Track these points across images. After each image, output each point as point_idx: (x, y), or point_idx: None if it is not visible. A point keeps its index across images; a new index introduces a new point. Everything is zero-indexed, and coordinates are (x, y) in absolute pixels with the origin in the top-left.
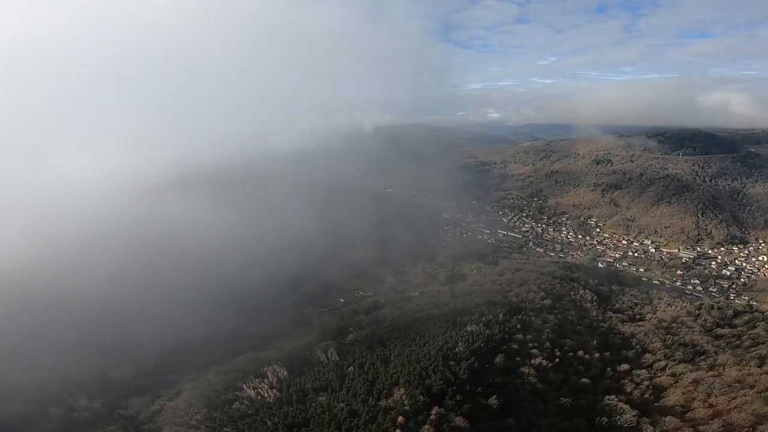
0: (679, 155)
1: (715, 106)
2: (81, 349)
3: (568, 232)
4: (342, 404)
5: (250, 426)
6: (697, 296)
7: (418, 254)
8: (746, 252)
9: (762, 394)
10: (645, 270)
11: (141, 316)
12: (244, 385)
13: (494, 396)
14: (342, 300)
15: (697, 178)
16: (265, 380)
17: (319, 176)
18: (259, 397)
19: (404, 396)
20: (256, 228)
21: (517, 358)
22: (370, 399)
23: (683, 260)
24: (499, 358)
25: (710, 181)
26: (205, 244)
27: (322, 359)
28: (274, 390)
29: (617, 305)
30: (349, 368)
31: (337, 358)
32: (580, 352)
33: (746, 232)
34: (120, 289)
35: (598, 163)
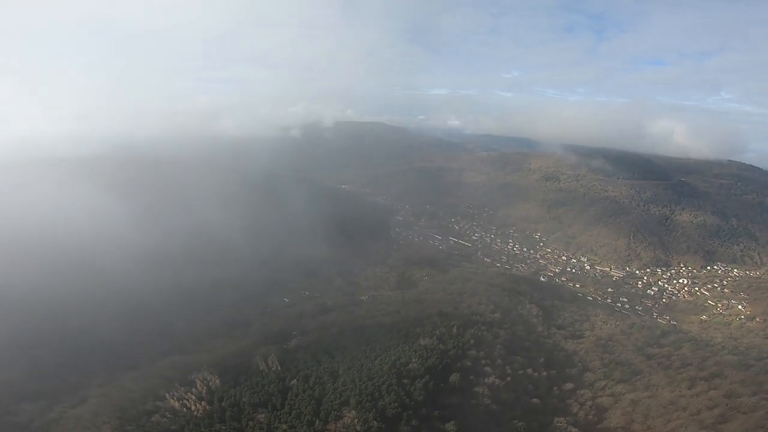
0: (619, 179)
1: (659, 133)
2: None
3: (515, 245)
4: (284, 425)
5: None
6: (625, 313)
7: (369, 256)
8: (668, 274)
9: (695, 416)
10: (581, 286)
11: (41, 307)
12: (167, 394)
13: (451, 422)
14: (287, 300)
15: (633, 202)
16: (193, 389)
17: (270, 165)
18: (185, 409)
19: (356, 420)
20: (191, 214)
21: (471, 377)
22: (317, 421)
23: (614, 278)
24: (454, 377)
25: (644, 205)
26: (140, 229)
27: (261, 368)
28: (203, 402)
29: (560, 321)
30: (293, 381)
31: (279, 368)
32: (529, 370)
33: (670, 256)
34: (18, 275)
35: (547, 180)
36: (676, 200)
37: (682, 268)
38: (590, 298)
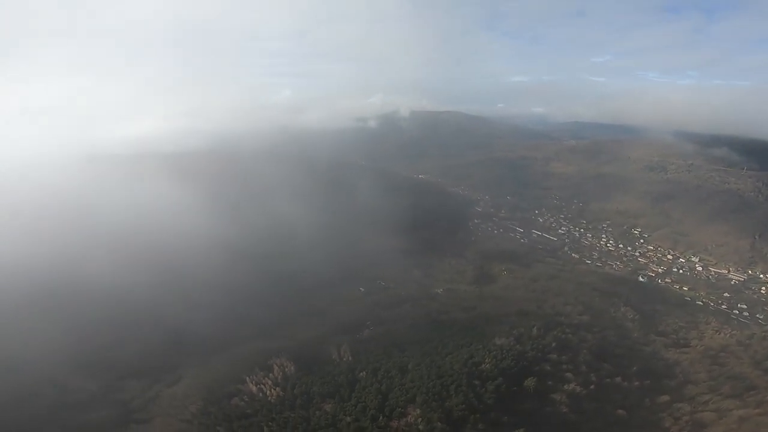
0: (743, 169)
1: None
2: (84, 325)
3: (608, 240)
4: (349, 418)
5: (246, 429)
6: (744, 322)
7: (446, 247)
8: None
9: None
10: (689, 289)
11: (147, 295)
12: (247, 378)
13: (521, 429)
14: (362, 289)
15: (760, 196)
16: (270, 375)
17: (347, 156)
18: (261, 394)
19: (419, 419)
20: (274, 206)
21: (549, 382)
22: (381, 417)
23: (732, 282)
24: (529, 381)
25: None
26: (227, 222)
27: (333, 357)
28: (278, 388)
29: (661, 327)
30: (362, 373)
31: (350, 359)
32: (618, 379)
33: None
34: (125, 265)
35: (651, 170)
36: None
37: None
38: (700, 303)
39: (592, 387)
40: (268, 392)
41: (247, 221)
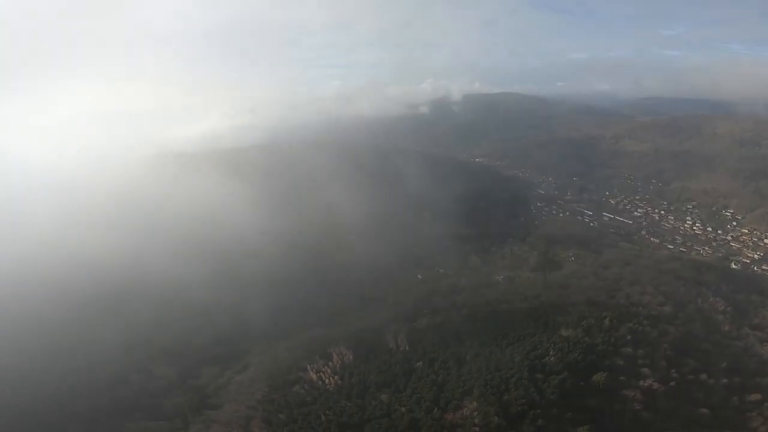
0: None
1: None
2: (162, 315)
3: (695, 223)
4: (403, 409)
5: (305, 418)
6: None
7: (507, 233)
8: None
9: None
10: None
11: (214, 285)
12: (308, 366)
13: (585, 426)
14: (420, 276)
15: None
16: (330, 363)
17: (401, 143)
18: (321, 382)
19: (475, 412)
20: (330, 196)
21: (622, 378)
22: (436, 409)
23: None
24: (598, 376)
25: None
26: (284, 214)
27: (390, 346)
28: (336, 377)
29: (757, 320)
30: (418, 363)
31: (407, 348)
32: (704, 376)
33: None
34: (192, 258)
35: (742, 146)
36: None
37: None
38: None
39: (672, 384)
40: (327, 380)
41: (304, 212)
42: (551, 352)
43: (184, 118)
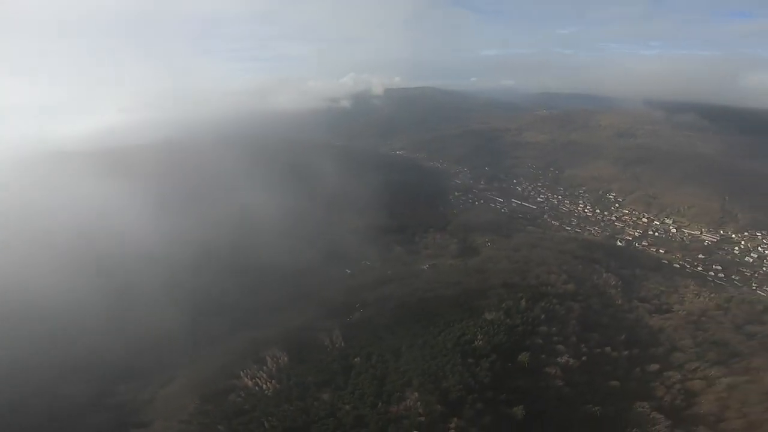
0: (710, 133)
1: (754, 87)
2: (62, 332)
3: (586, 206)
4: (347, 406)
5: (246, 426)
6: (720, 284)
7: (428, 222)
8: None
9: None
10: (666, 252)
11: (119, 298)
12: (241, 372)
13: (519, 406)
14: (348, 270)
15: (727, 159)
16: (264, 368)
17: (321, 137)
18: (257, 388)
19: (418, 402)
20: (246, 194)
21: (542, 356)
22: (380, 403)
23: (706, 243)
24: (523, 356)
25: (740, 162)
26: (190, 215)
27: (325, 344)
28: (273, 381)
29: (642, 293)
30: (356, 359)
31: (343, 344)
32: (608, 349)
33: None
34: (82, 270)
35: (620, 136)
36: None
37: None
38: (677, 266)
39: (583, 358)
40: (264, 385)
41: (214, 213)
42: (479, 336)
43: (77, 114)
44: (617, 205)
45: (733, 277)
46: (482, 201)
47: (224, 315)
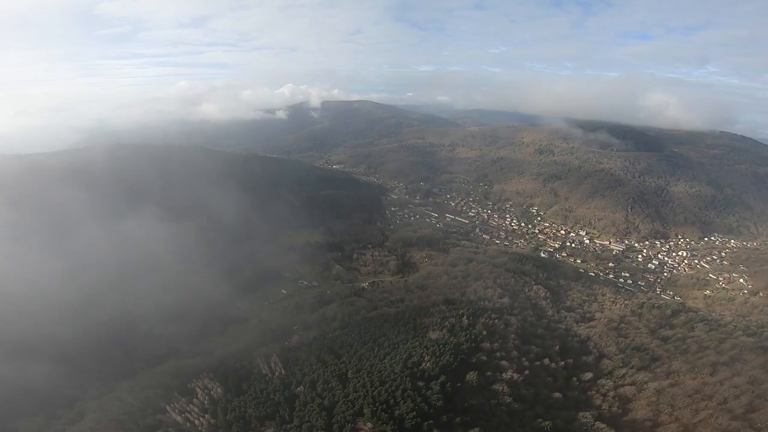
0: (613, 150)
1: (653, 106)
2: None
3: (512, 220)
4: None
5: None
6: (629, 290)
7: (367, 238)
8: (667, 246)
9: (722, 406)
10: (582, 261)
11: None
12: (168, 407)
13: (475, 428)
14: (284, 291)
15: (628, 174)
16: (195, 400)
17: (255, 147)
18: (189, 424)
19: None
20: (172, 205)
21: (488, 372)
22: None
23: (614, 252)
24: (471, 375)
25: (639, 177)
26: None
27: (264, 371)
28: (206, 415)
29: (568, 302)
30: (299, 388)
31: (283, 372)
32: (546, 360)
33: (668, 228)
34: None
35: (541, 153)
36: (671, 171)
37: (680, 239)
38: (593, 275)
39: (526, 372)
40: (196, 420)
41: (131, 229)
42: (426, 358)
43: None
44: (539, 218)
45: (639, 282)
46: (418, 216)
47: (143, 344)
